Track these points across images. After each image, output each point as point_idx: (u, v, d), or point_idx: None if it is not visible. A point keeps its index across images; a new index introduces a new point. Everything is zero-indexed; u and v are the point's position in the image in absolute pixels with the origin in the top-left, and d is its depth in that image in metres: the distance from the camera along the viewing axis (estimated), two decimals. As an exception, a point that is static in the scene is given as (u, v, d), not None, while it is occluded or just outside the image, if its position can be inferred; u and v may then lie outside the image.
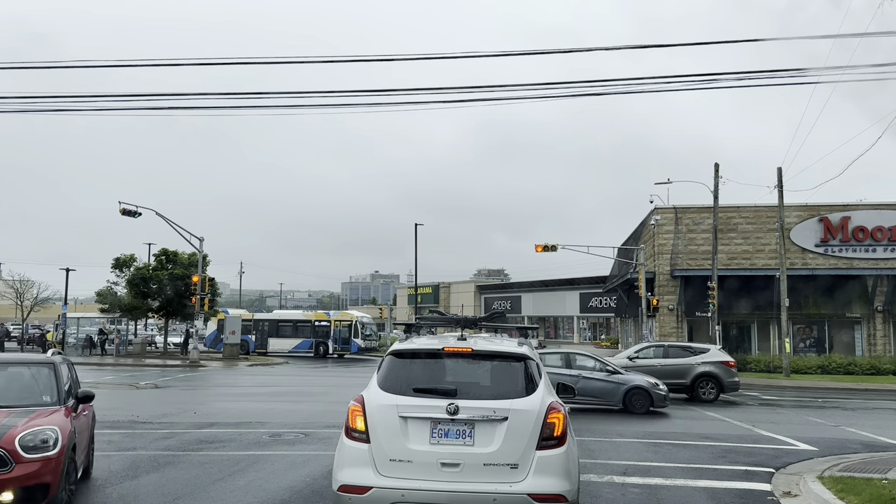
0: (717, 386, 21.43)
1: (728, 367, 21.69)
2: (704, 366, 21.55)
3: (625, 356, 22.92)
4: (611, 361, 19.57)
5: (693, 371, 21.52)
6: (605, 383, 17.88)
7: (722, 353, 22.36)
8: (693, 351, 22.45)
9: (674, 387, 21.73)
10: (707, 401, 21.08)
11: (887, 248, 35.64)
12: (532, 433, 5.76)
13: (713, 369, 21.49)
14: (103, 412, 16.51)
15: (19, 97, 16.29)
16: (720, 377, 21.44)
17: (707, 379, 21.48)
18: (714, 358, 21.80)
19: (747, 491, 9.10)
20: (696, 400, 21.24)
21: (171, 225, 35.64)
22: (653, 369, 21.75)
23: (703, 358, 21.77)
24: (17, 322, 58.77)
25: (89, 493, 8.35)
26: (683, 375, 21.54)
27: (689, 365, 21.66)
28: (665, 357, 22.22)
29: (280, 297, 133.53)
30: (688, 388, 21.52)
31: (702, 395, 21.31)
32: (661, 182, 39.24)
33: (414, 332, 7.42)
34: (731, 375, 21.64)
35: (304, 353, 46.45)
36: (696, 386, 21.44)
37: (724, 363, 21.73)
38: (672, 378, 21.54)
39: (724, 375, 21.48)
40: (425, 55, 15.23)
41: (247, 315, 50.05)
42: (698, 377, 21.47)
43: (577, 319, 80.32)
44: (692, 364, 21.66)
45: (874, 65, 13.47)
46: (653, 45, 14.63)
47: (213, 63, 16.03)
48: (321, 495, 8.17)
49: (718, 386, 21.43)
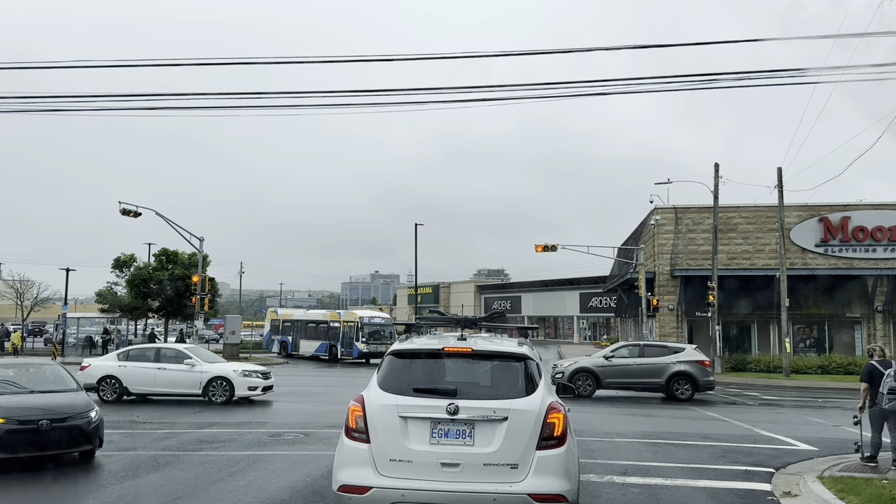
0: (692, 385, 21.52)
1: (703, 366, 21.80)
2: (679, 365, 21.62)
3: (601, 355, 23.00)
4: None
5: (668, 370, 21.59)
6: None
7: (697, 353, 22.45)
8: (669, 350, 22.52)
9: (650, 386, 21.94)
10: (682, 399, 21.19)
11: (887, 248, 35.65)
12: (532, 433, 5.76)
13: (688, 368, 21.56)
14: (103, 412, 16.53)
15: (19, 97, 16.30)
16: (695, 376, 21.52)
17: (682, 378, 21.55)
18: (689, 357, 21.87)
19: (747, 491, 9.10)
20: (672, 399, 21.33)
21: (171, 225, 35.65)
22: (628, 369, 21.89)
23: (678, 357, 21.84)
24: (17, 322, 58.74)
25: (90, 492, 8.35)
26: (659, 375, 21.63)
27: (665, 364, 21.72)
28: (641, 356, 22.28)
29: (280, 297, 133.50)
30: (663, 387, 21.64)
31: (677, 394, 21.41)
32: (661, 182, 39.25)
33: (414, 332, 7.41)
34: (706, 374, 21.75)
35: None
36: (672, 385, 21.53)
37: (699, 362, 21.81)
38: (648, 377, 21.72)
39: (699, 374, 21.57)
40: (425, 55, 15.23)
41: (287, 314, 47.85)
42: (673, 376, 21.54)
43: (577, 319, 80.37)
44: (667, 363, 21.73)
45: (874, 65, 13.48)
46: (653, 45, 14.64)
47: (212, 63, 16.02)
48: (321, 495, 8.17)
49: (693, 385, 21.52)
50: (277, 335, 46.89)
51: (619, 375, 21.79)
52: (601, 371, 21.79)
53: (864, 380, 10.72)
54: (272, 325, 48.12)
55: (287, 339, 45.60)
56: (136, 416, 15.59)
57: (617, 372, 21.78)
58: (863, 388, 10.75)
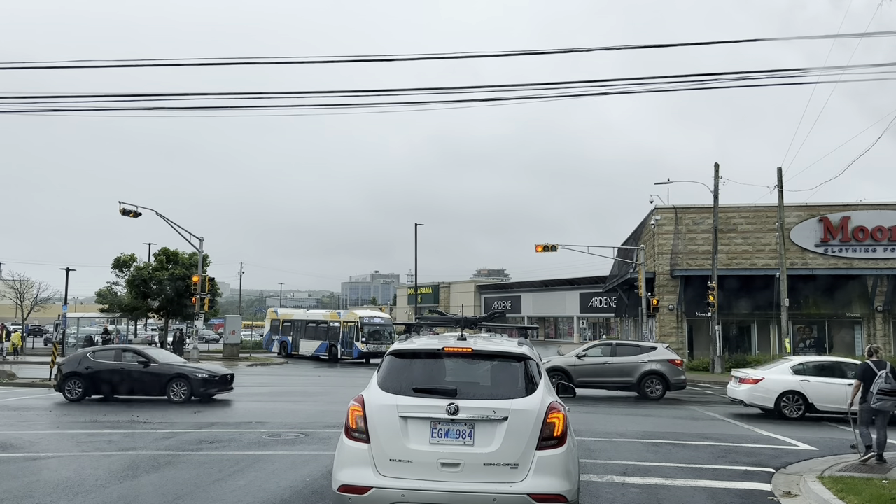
0: (663, 384, 21.62)
1: (674, 365, 21.89)
2: (651, 364, 21.72)
3: (573, 354, 23.06)
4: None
5: (640, 369, 21.70)
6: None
7: (668, 352, 22.56)
8: (641, 349, 22.63)
9: (622, 385, 22.02)
10: (653, 398, 21.28)
11: (887, 248, 35.65)
12: (532, 433, 5.75)
13: (659, 367, 21.67)
14: (103, 412, 16.57)
15: (19, 97, 16.30)
16: (666, 375, 21.62)
17: (653, 377, 21.66)
18: (661, 356, 21.97)
19: (747, 491, 9.10)
20: (644, 398, 21.40)
21: (171, 225, 35.65)
22: (601, 367, 21.97)
23: (650, 356, 21.94)
24: (17, 322, 58.75)
25: (90, 493, 8.35)
26: (631, 373, 21.75)
27: (637, 363, 21.83)
28: (613, 355, 22.37)
29: (280, 297, 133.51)
30: (635, 385, 21.73)
31: (648, 393, 21.51)
32: (661, 182, 39.26)
33: (414, 332, 7.41)
34: (678, 374, 21.83)
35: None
36: (643, 384, 21.63)
37: (670, 361, 21.91)
38: (620, 376, 21.82)
39: (670, 373, 21.66)
40: (425, 55, 15.22)
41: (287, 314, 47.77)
42: (645, 375, 21.65)
43: (577, 319, 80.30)
44: (639, 362, 21.83)
45: (874, 65, 13.47)
46: (653, 45, 14.64)
47: (211, 63, 16.00)
48: (321, 495, 8.17)
49: (665, 384, 21.62)
50: (277, 335, 46.87)
51: (592, 374, 21.83)
52: (573, 370, 21.80)
53: (858, 377, 11.28)
54: (272, 325, 48.11)
55: (287, 339, 45.58)
56: (136, 416, 15.60)
57: (589, 371, 21.82)
58: (854, 385, 11.33)
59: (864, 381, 11.01)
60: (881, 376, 10.71)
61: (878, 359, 11.20)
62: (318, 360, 42.18)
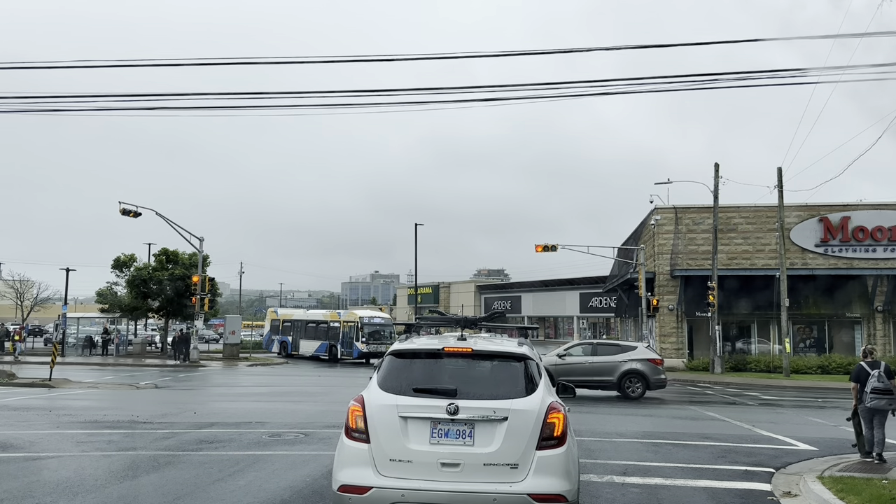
0: (643, 383, 21.69)
1: (655, 364, 21.96)
2: (631, 363, 21.78)
3: (554, 354, 23.11)
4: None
5: (620, 368, 21.76)
6: None
7: (649, 351, 22.64)
8: (621, 349, 22.73)
9: (602, 384, 22.08)
10: (634, 398, 21.32)
11: (887, 248, 35.66)
12: (532, 433, 5.75)
13: (640, 367, 21.72)
14: (104, 412, 16.57)
15: (19, 97, 16.30)
16: (646, 374, 21.68)
17: (634, 376, 21.72)
18: (641, 356, 22.03)
19: (747, 491, 9.10)
20: (625, 398, 21.44)
21: (171, 225, 35.66)
22: (581, 367, 22.05)
23: (630, 355, 22.01)
24: (17, 322, 58.75)
25: (90, 493, 8.34)
26: (611, 373, 21.82)
27: (617, 362, 21.89)
28: (593, 355, 22.47)
29: (280, 297, 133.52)
30: (616, 384, 21.80)
31: (629, 393, 21.57)
32: (661, 182, 39.30)
33: (414, 332, 7.40)
34: (658, 373, 21.88)
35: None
36: (623, 383, 21.68)
37: (650, 360, 21.98)
38: (601, 375, 21.89)
39: (650, 373, 21.72)
40: (424, 55, 15.23)
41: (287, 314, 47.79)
42: (625, 374, 21.71)
43: (577, 319, 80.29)
44: (619, 361, 21.89)
45: (874, 65, 13.48)
46: (652, 45, 14.65)
47: (211, 63, 16.02)
48: (321, 495, 8.17)
49: (645, 383, 21.69)
50: (277, 335, 46.85)
51: (572, 374, 21.74)
52: (554, 369, 21.71)
53: (853, 379, 11.52)
54: (272, 325, 48.11)
55: (287, 339, 45.58)
56: (136, 416, 15.59)
57: (570, 370, 21.81)
58: (852, 387, 11.55)
59: (860, 382, 11.23)
60: (874, 376, 10.98)
61: (873, 359, 11.44)
62: (318, 360, 42.17)
